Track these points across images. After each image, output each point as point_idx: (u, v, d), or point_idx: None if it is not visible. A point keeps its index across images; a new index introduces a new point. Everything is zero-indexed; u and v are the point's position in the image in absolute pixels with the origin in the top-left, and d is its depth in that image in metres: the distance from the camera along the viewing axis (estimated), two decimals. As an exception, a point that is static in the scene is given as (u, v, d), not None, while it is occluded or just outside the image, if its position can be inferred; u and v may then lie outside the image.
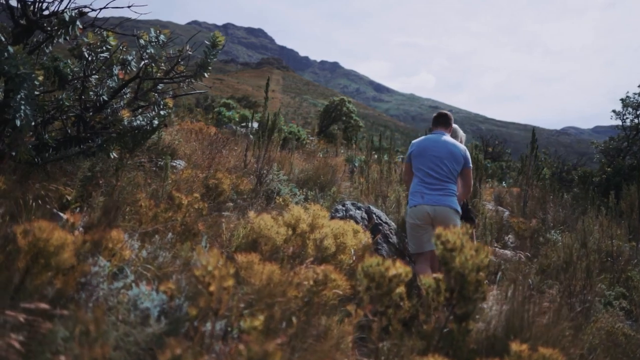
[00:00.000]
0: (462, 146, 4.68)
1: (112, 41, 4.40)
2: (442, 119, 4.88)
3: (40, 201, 3.31)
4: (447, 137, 4.70)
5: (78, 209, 3.47)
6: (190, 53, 4.62)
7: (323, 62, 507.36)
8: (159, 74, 4.71)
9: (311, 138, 13.00)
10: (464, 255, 1.94)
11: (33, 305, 1.60)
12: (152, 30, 4.57)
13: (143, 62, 4.56)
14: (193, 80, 4.81)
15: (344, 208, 4.51)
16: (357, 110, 21.04)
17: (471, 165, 4.67)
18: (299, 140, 10.01)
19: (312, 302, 2.31)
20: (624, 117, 16.70)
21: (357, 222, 4.12)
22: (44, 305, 1.64)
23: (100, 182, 3.53)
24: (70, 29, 3.79)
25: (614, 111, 17.07)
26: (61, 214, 3.19)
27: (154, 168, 5.05)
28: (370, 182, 6.34)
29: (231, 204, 4.32)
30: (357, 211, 4.50)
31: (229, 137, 8.27)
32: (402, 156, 11.86)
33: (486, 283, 2.02)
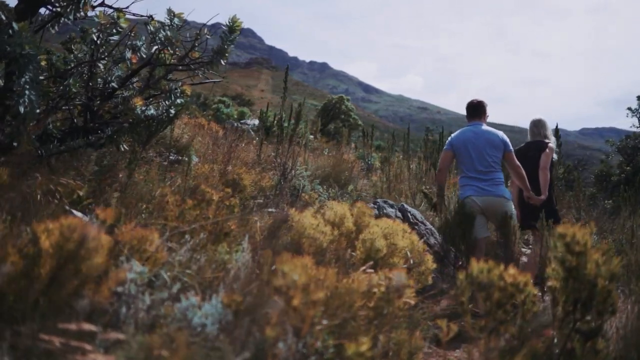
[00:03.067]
0: (499, 132, 4.71)
1: (124, 23, 4.01)
2: (475, 111, 4.89)
3: (50, 197, 2.93)
4: (484, 127, 4.75)
5: (91, 205, 3.09)
6: (208, 37, 4.24)
7: (312, 63, 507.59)
8: (172, 61, 4.32)
9: (311, 136, 12.67)
10: (595, 260, 1.58)
11: (74, 326, 1.21)
12: (166, 11, 4.18)
13: (155, 48, 4.18)
14: (208, 69, 4.43)
15: (376, 206, 4.16)
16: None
17: (511, 149, 4.67)
18: (301, 138, 9.69)
19: (385, 314, 1.94)
20: (640, 115, 16.53)
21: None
22: (89, 326, 1.26)
23: (120, 175, 3.14)
24: (81, 4, 3.40)
25: (629, 109, 16.86)
26: (75, 211, 2.81)
27: (165, 162, 4.66)
28: (392, 179, 6.01)
29: (260, 200, 3.96)
30: (390, 209, 4.15)
31: (236, 132, 7.89)
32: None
33: (618, 294, 1.66)
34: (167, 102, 4.01)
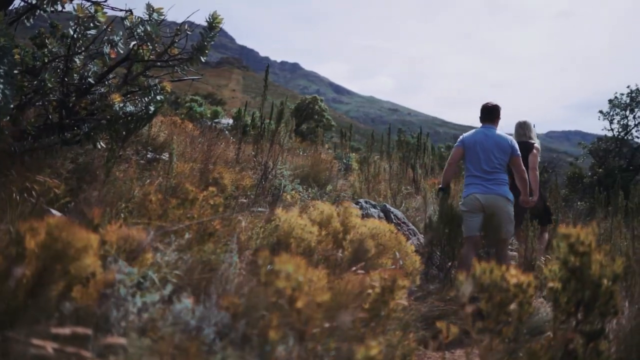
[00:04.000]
0: (509, 136, 4.86)
1: (101, 17, 3.89)
2: (489, 115, 5.04)
3: (26, 195, 2.82)
4: (495, 130, 4.92)
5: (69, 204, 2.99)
6: (189, 33, 4.14)
7: (283, 63, 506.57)
8: (151, 57, 4.22)
9: (281, 136, 12.58)
10: (599, 261, 1.57)
11: (68, 330, 1.14)
12: (145, 6, 4.07)
13: (134, 43, 4.07)
14: (188, 66, 4.34)
15: (359, 206, 4.13)
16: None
17: (519, 153, 4.84)
18: (282, 137, 9.60)
19: (382, 315, 1.91)
20: (612, 118, 16.82)
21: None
22: (83, 330, 1.18)
23: (98, 172, 3.03)
24: (58, -4, 3.28)
25: (600, 112, 17.18)
26: (53, 210, 2.70)
27: (142, 161, 4.55)
28: (371, 179, 5.99)
29: (244, 199, 3.88)
30: (374, 210, 4.13)
31: (213, 131, 7.78)
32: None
33: (621, 295, 1.65)
34: (146, 98, 3.90)
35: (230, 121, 12.10)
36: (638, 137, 16.32)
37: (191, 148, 4.92)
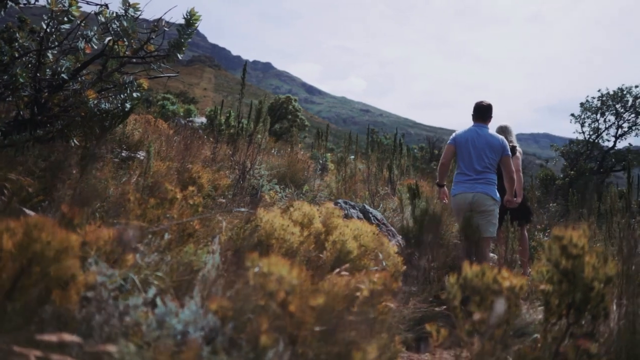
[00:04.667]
0: (500, 136, 4.96)
1: (75, 11, 3.79)
2: (482, 114, 5.11)
3: (-3, 193, 2.71)
4: (487, 130, 5.02)
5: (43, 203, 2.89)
6: (166, 29, 4.07)
7: (255, 62, 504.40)
8: (127, 53, 4.13)
9: (259, 136, 12.50)
10: (592, 263, 1.57)
11: (55, 337, 1.08)
12: (121, 1, 3.98)
13: (109, 39, 3.98)
14: (164, 63, 4.26)
15: (338, 207, 4.10)
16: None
17: (509, 153, 4.94)
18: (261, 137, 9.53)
19: (373, 318, 1.88)
20: (583, 121, 17.16)
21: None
22: (69, 337, 1.13)
23: (74, 171, 2.95)
24: (31, -12, 3.18)
25: (572, 115, 17.51)
26: (27, 210, 2.61)
27: (116, 159, 4.45)
28: (348, 180, 5.97)
29: (222, 199, 3.82)
30: (353, 210, 4.10)
31: (188, 130, 7.67)
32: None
33: (611, 298, 1.65)
34: (122, 95, 3.81)
35: (204, 120, 11.97)
36: (608, 140, 16.75)
37: (167, 147, 4.83)
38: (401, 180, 7.40)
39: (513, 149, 5.70)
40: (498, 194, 4.84)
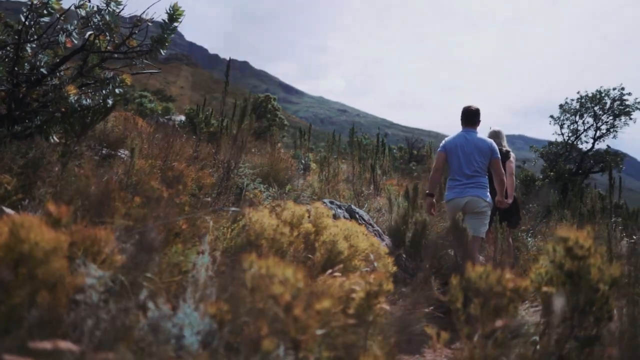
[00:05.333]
0: (489, 139, 5.06)
1: (55, 4, 3.68)
2: (470, 118, 5.18)
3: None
4: (475, 134, 5.09)
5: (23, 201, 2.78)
6: (150, 24, 3.98)
7: (232, 61, 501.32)
8: (108, 48, 4.03)
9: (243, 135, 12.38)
10: (597, 265, 1.54)
11: (50, 345, 1.01)
12: (103, -5, 3.87)
13: (90, 33, 3.88)
14: (147, 58, 4.16)
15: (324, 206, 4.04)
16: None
17: (498, 156, 5.02)
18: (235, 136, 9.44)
19: (370, 321, 1.83)
20: (562, 123, 17.39)
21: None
22: (65, 344, 1.06)
23: (56, 168, 2.85)
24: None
25: (551, 116, 17.73)
26: (6, 209, 2.51)
27: (96, 157, 4.34)
28: (331, 179, 5.93)
29: (208, 198, 3.74)
30: (339, 210, 4.05)
31: (169, 128, 7.55)
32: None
33: (615, 300, 1.63)
34: (104, 91, 3.72)
35: (183, 118, 11.82)
36: (587, 142, 17.03)
37: (148, 144, 4.73)
38: (384, 181, 7.41)
39: (507, 153, 5.81)
40: (489, 196, 4.93)
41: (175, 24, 4.22)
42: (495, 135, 6.04)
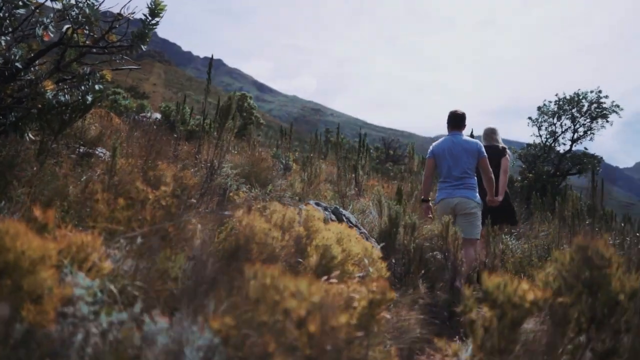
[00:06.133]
0: (475, 140, 5.15)
1: (30, -5, 3.52)
2: (456, 122, 5.29)
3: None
4: (461, 137, 5.20)
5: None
6: (131, 18, 3.83)
7: (206, 59, 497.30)
8: (87, 42, 3.88)
9: (215, 134, 12.19)
10: (618, 275, 1.49)
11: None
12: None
13: (67, 26, 3.73)
14: (126, 56, 4.02)
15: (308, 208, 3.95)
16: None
17: (485, 155, 5.11)
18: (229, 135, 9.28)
19: (375, 331, 1.75)
20: (540, 125, 17.56)
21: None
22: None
23: (35, 167, 2.71)
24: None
25: (529, 118, 17.91)
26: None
27: (73, 155, 4.18)
28: (313, 180, 5.83)
29: (194, 200, 3.61)
30: (325, 212, 3.96)
31: (142, 125, 7.36)
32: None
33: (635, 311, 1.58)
34: (83, 87, 3.56)
35: (158, 116, 11.60)
36: (564, 144, 17.25)
37: (127, 143, 4.58)
38: (365, 181, 7.35)
39: (503, 150, 5.93)
40: (479, 197, 5.02)
41: (157, 19, 4.09)
42: (492, 132, 6.20)
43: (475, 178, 5.12)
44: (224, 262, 2.54)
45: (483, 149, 5.13)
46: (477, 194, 5.02)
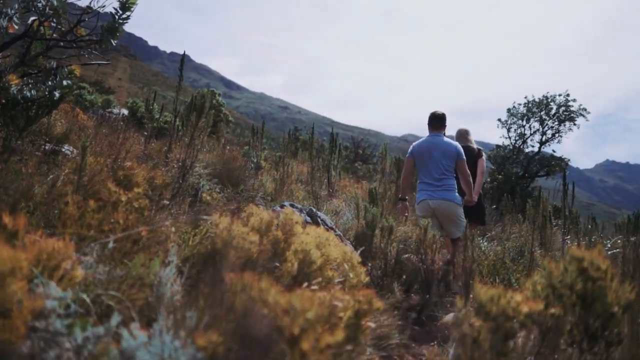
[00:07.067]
0: (454, 142, 5.20)
1: (-6, -15, 3.36)
2: (437, 123, 5.34)
3: None
4: (441, 138, 5.23)
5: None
6: (100, 11, 3.69)
7: (173, 54, 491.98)
8: (54, 35, 3.73)
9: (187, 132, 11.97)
10: (613, 288, 1.46)
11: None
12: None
13: (33, 18, 3.58)
14: (95, 50, 3.88)
15: (283, 210, 3.87)
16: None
17: (464, 158, 5.16)
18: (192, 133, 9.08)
19: (360, 343, 1.69)
20: (509, 127, 17.79)
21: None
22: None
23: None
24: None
25: (499, 120, 18.12)
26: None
27: (37, 153, 4.02)
28: (285, 179, 5.75)
29: (166, 201, 3.50)
30: (300, 214, 3.89)
31: (109, 121, 7.16)
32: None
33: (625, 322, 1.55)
34: (50, 82, 3.42)
35: (125, 112, 11.34)
36: (533, 146, 17.53)
37: (94, 140, 4.43)
38: (337, 181, 7.31)
39: (479, 151, 6.04)
40: (459, 197, 5.09)
41: (128, 13, 3.97)
42: (466, 132, 6.28)
43: (454, 179, 5.18)
44: (200, 268, 2.46)
45: (462, 152, 5.18)
46: (457, 194, 5.08)
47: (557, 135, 17.03)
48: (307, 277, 2.52)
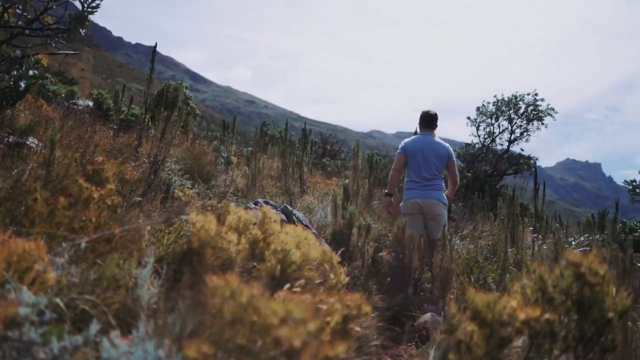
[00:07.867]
0: (446, 144, 5.28)
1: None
2: (429, 122, 5.39)
3: None
4: (433, 138, 5.29)
5: None
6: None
7: (138, 45, 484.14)
8: (19, 23, 3.57)
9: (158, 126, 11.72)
10: (611, 294, 1.44)
11: None
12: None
13: (-3, 4, 3.42)
14: (62, 40, 3.73)
15: (258, 207, 3.80)
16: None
17: (454, 159, 5.27)
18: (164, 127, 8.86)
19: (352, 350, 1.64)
20: (478, 125, 17.96)
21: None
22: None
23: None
24: None
25: (468, 118, 18.29)
26: None
27: (1, 146, 3.85)
28: (257, 175, 5.66)
29: (139, 197, 3.38)
30: (276, 212, 3.81)
31: (75, 113, 6.95)
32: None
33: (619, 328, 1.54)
34: (15, 72, 3.27)
35: (90, 103, 11.05)
36: (501, 145, 17.77)
37: (61, 132, 4.26)
38: (308, 177, 7.25)
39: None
40: (446, 198, 5.12)
41: (98, 1, 3.83)
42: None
43: (443, 179, 5.23)
44: (176, 267, 2.37)
45: (453, 153, 5.25)
46: (444, 195, 5.11)
47: (525, 134, 17.30)
48: (287, 277, 2.45)
